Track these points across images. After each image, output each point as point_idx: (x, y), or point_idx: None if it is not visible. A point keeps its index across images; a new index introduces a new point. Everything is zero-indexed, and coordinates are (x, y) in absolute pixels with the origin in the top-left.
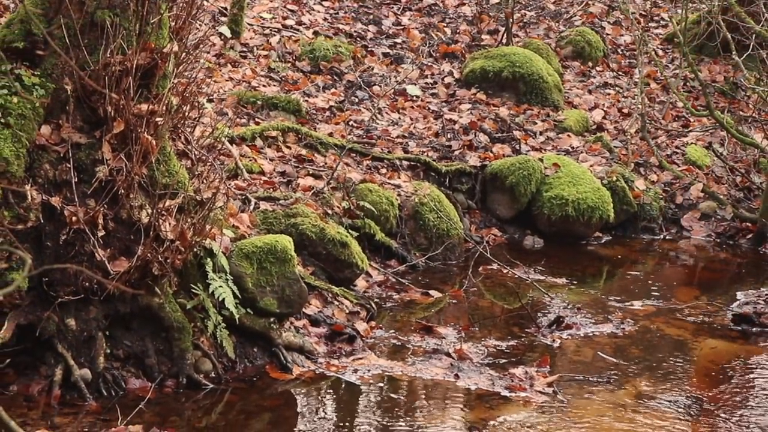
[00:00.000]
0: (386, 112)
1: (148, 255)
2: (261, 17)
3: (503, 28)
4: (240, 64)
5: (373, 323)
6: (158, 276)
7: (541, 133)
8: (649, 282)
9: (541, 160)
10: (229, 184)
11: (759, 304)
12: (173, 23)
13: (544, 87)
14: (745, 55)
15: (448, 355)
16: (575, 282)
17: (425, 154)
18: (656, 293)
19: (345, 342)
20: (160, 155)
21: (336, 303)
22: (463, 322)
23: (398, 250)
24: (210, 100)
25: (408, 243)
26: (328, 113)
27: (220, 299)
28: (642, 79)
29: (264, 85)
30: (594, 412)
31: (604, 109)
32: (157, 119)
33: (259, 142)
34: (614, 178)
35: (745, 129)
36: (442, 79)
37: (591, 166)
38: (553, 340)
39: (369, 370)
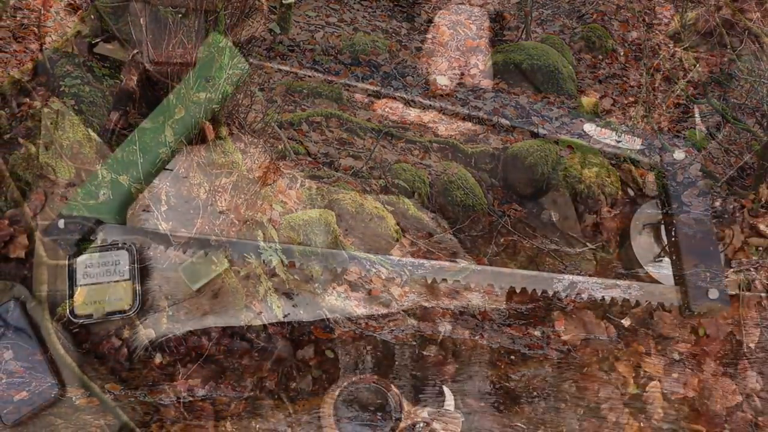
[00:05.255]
0: (418, 100)
1: (206, 227)
2: (307, 15)
3: (523, 25)
4: (288, 57)
5: (406, 288)
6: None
7: (556, 119)
8: None
9: (556, 142)
10: (278, 164)
11: (750, 270)
12: (228, 20)
13: (560, 77)
14: (738, 49)
15: (474, 316)
16: (587, 251)
17: (453, 137)
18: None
19: (381, 305)
20: (217, 138)
21: (373, 270)
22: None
23: (429, 223)
24: (261, 89)
25: (438, 217)
26: (366, 101)
27: (271, 266)
28: (647, 71)
29: (309, 76)
30: (604, 367)
31: (613, 97)
32: (214, 106)
33: (305, 127)
34: (622, 159)
35: (738, 115)
36: (468, 71)
37: (601, 147)
38: (567, 304)
39: (403, 330)
